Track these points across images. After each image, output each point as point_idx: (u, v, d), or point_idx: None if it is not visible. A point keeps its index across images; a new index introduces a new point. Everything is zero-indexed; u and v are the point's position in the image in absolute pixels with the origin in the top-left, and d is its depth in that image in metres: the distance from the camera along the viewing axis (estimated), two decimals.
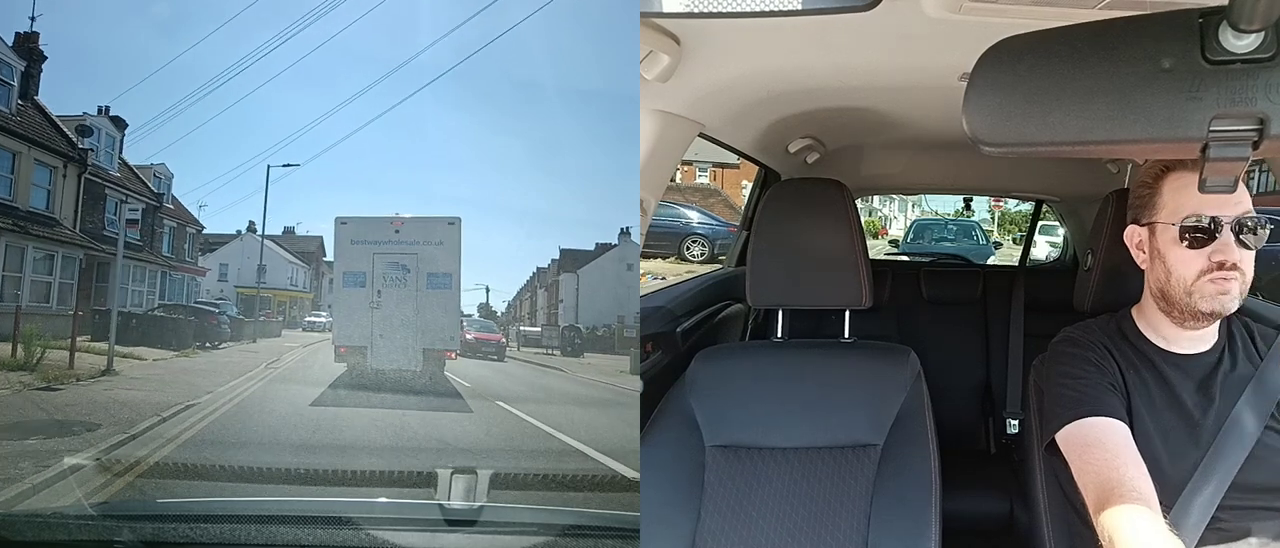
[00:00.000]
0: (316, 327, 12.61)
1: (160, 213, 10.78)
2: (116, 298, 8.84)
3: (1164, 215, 1.61)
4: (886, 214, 13.85)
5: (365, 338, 8.60)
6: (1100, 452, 1.49)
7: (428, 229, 8.58)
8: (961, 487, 2.17)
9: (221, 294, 11.69)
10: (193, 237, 11.62)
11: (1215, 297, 1.56)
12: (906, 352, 2.14)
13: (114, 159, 9.89)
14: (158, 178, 10.91)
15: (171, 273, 10.86)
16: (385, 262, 8.60)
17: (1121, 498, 1.34)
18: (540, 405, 7.43)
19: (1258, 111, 0.91)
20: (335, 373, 8.54)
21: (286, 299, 12.68)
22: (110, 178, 9.74)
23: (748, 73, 2.11)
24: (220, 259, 11.93)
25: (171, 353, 9.01)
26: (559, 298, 13.27)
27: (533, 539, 1.64)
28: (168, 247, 10.97)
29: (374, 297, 8.57)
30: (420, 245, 8.55)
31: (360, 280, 8.65)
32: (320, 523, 1.62)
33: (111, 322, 8.09)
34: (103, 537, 1.55)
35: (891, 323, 3.47)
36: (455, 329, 8.57)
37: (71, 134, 9.06)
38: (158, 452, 4.76)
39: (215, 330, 10.41)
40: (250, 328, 11.32)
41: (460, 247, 8.60)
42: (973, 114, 1.00)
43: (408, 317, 8.45)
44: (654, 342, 2.67)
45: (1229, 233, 1.55)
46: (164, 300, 10.35)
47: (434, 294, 8.48)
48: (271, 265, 12.15)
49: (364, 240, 8.71)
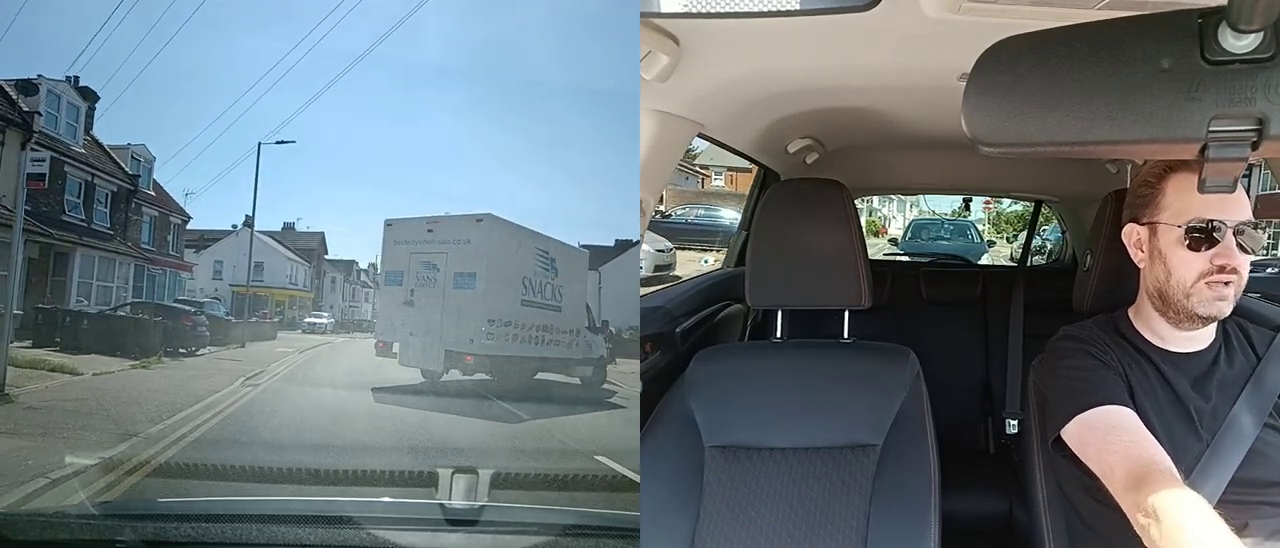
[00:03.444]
0: (317, 328, 12.21)
1: (136, 198, 9.66)
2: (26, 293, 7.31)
3: (1167, 216, 1.61)
4: (885, 214, 13.91)
5: (396, 335, 8.60)
6: (1125, 434, 1.48)
7: (457, 228, 8.48)
8: (961, 487, 2.18)
9: (216, 293, 11.14)
10: (178, 227, 10.65)
11: (1212, 301, 1.58)
12: (906, 352, 2.14)
13: (78, 133, 8.85)
14: (136, 159, 9.86)
15: (150, 267, 9.84)
16: (419, 261, 8.59)
17: (1160, 477, 1.33)
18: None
19: (1257, 112, 0.91)
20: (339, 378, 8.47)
21: (284, 298, 12.22)
22: (72, 153, 8.66)
23: (747, 73, 2.12)
24: (215, 256, 11.43)
25: (128, 362, 7.67)
26: None
27: (534, 539, 1.64)
28: (148, 237, 9.96)
29: (407, 295, 8.57)
30: (449, 244, 8.48)
31: (398, 279, 8.68)
32: (322, 523, 1.62)
33: (54, 322, 6.93)
34: (105, 536, 1.55)
35: (891, 323, 3.47)
36: (477, 332, 8.26)
37: (11, 91, 7.80)
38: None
39: (189, 334, 9.06)
40: (239, 330, 10.38)
41: (487, 245, 8.44)
42: (972, 114, 1.00)
43: (433, 317, 8.36)
44: (653, 342, 2.67)
45: (1231, 237, 1.56)
46: (139, 298, 9.33)
47: (459, 294, 8.33)
48: (269, 263, 11.71)
49: (404, 241, 8.74)
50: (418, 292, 8.52)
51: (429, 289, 8.47)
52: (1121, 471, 1.41)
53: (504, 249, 8.66)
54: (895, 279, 3.66)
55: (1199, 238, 1.56)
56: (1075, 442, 1.56)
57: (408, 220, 8.81)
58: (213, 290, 11.16)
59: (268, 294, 11.83)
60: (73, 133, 8.77)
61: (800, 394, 2.07)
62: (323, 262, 13.00)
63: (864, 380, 2.08)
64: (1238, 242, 1.56)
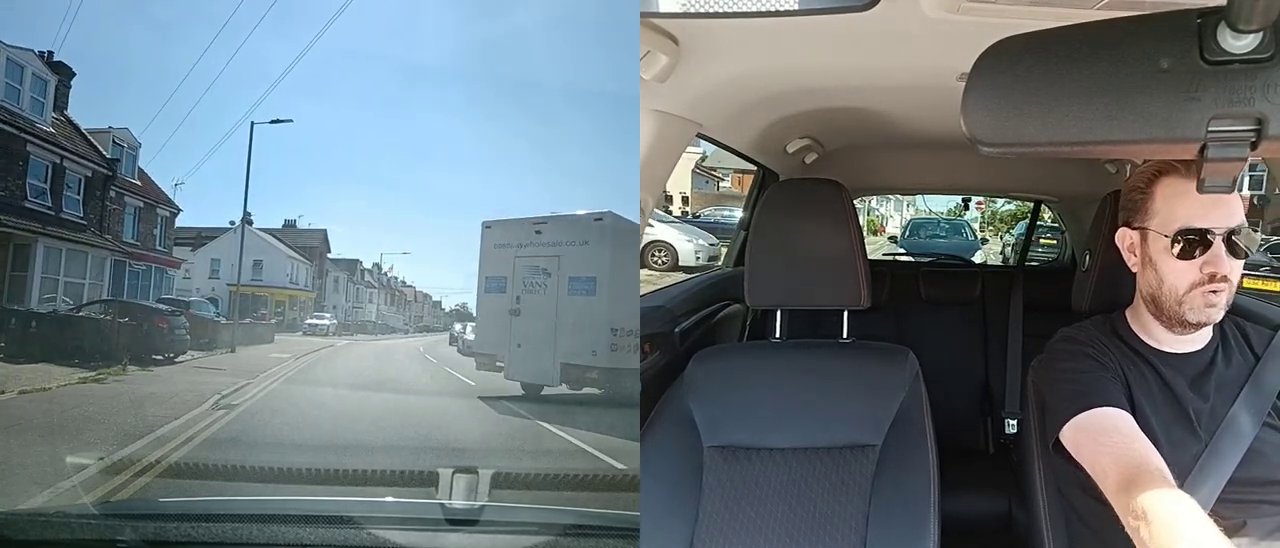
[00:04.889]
0: (319, 330, 11.60)
1: (116, 186, 8.49)
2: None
3: (1156, 223, 1.61)
4: (883, 213, 14.05)
5: (500, 347, 7.87)
6: (1118, 436, 1.48)
7: (571, 228, 7.76)
8: (960, 487, 2.18)
9: (212, 292, 10.45)
10: (166, 220, 9.59)
11: (1204, 309, 1.58)
12: (905, 352, 2.14)
13: (46, 110, 7.87)
14: (119, 145, 8.76)
15: (133, 263, 8.76)
16: (525, 265, 7.93)
17: (1150, 478, 1.34)
18: None
19: (1256, 112, 0.91)
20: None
21: (285, 299, 11.64)
22: (37, 132, 7.59)
23: (745, 73, 2.12)
24: (211, 254, 10.73)
25: (80, 374, 6.24)
26: None
27: (534, 539, 1.64)
28: (131, 230, 8.88)
29: (512, 304, 7.90)
30: (562, 246, 7.80)
31: (500, 286, 8.02)
32: (322, 522, 1.63)
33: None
34: (105, 536, 1.56)
35: (890, 323, 3.47)
36: (600, 343, 7.41)
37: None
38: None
39: (164, 338, 7.72)
40: (229, 333, 9.37)
41: (607, 247, 7.64)
42: (971, 114, 1.00)
43: (545, 327, 7.66)
44: (652, 342, 2.67)
45: (1221, 244, 1.55)
46: (116, 296, 8.23)
47: (576, 301, 7.63)
48: (269, 261, 11.16)
49: (506, 244, 8.07)
50: (525, 299, 7.88)
51: (539, 296, 7.81)
52: (1114, 472, 1.41)
53: (626, 250, 7.69)
54: (894, 279, 3.66)
55: (1189, 247, 1.56)
56: (1071, 444, 1.56)
57: (509, 221, 8.07)
58: (210, 290, 10.52)
59: (267, 294, 11.31)
60: (39, 109, 7.79)
61: (799, 394, 2.07)
62: (325, 260, 12.48)
63: (863, 381, 2.07)
64: (1230, 246, 1.56)
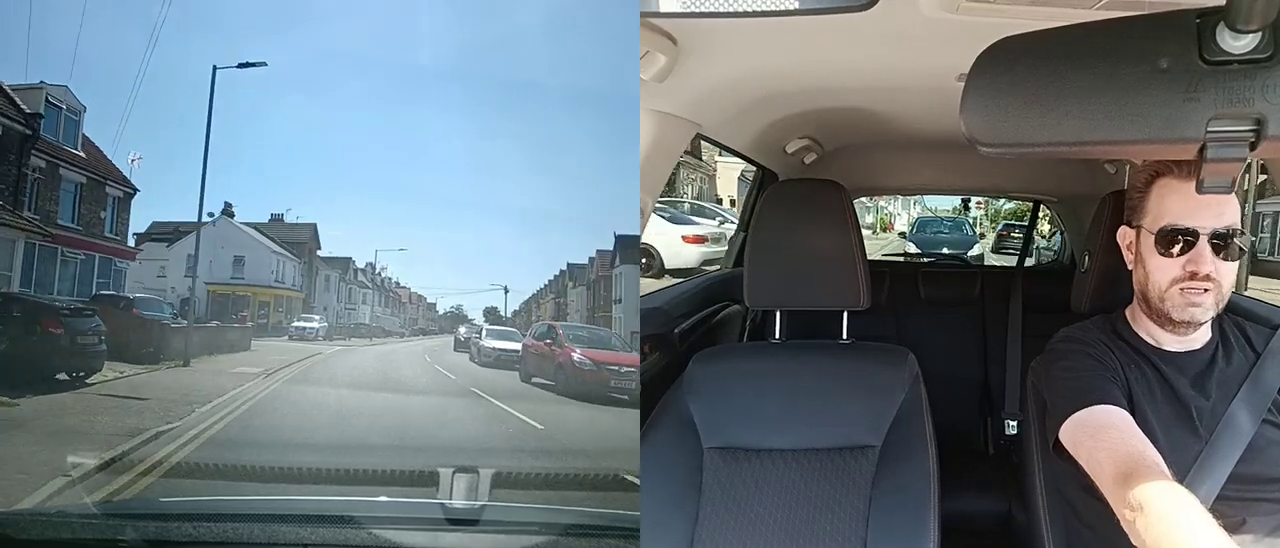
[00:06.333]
0: (307, 334, 10.03)
1: (43, 151, 6.73)
2: None
3: (1147, 221, 1.65)
4: (891, 211, 14.26)
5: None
6: (1116, 432, 1.49)
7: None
8: (960, 488, 2.18)
9: (189, 292, 8.88)
10: (118, 201, 7.93)
11: (1185, 307, 1.60)
12: (904, 353, 2.14)
13: None
14: (55, 105, 7.01)
15: (67, 249, 7.15)
16: None
17: (1146, 471, 1.35)
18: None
19: (1255, 112, 0.91)
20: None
21: (269, 299, 10.10)
22: None
23: (745, 73, 2.12)
24: (188, 249, 8.94)
25: None
26: (615, 297, 10.69)
27: (534, 539, 1.64)
28: (69, 211, 7.25)
29: None
30: None
31: None
32: (323, 522, 1.63)
33: None
34: (107, 536, 1.55)
35: (889, 324, 3.46)
36: None
37: None
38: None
39: (62, 350, 5.50)
40: (183, 341, 7.46)
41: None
42: (970, 114, 1.00)
43: None
44: (652, 343, 2.67)
45: (1206, 244, 1.57)
46: (44, 292, 6.71)
47: None
48: (252, 257, 9.73)
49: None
50: None
51: None
52: (1109, 467, 1.42)
53: None
54: (894, 280, 3.65)
55: (1172, 244, 1.59)
56: (1069, 441, 1.56)
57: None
58: (186, 289, 8.94)
59: (249, 293, 9.80)
60: None
61: (799, 395, 2.07)
62: (315, 257, 11.08)
63: (863, 381, 2.08)
64: (1218, 247, 1.57)
